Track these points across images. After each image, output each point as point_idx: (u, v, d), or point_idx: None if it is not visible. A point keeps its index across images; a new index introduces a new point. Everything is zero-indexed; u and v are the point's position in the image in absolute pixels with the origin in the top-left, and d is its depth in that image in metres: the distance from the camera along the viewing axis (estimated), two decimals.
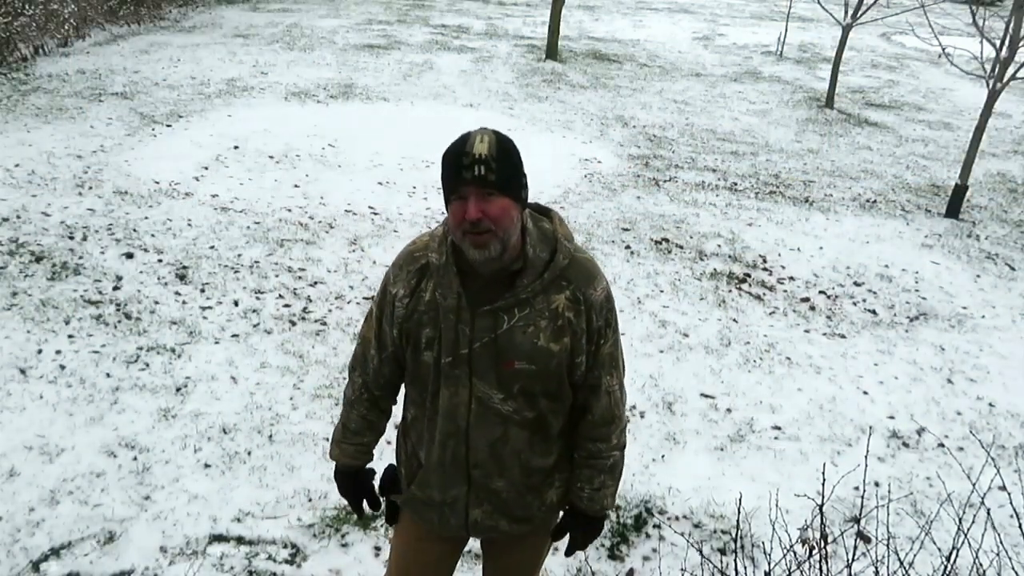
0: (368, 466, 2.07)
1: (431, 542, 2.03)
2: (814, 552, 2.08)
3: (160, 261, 5.08)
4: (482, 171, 1.63)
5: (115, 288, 4.72)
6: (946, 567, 1.88)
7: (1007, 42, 6.99)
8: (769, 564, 1.96)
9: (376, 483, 2.06)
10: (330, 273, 5.12)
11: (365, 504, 2.08)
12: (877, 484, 3.54)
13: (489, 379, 1.77)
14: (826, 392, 4.32)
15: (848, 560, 1.93)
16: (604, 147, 8.27)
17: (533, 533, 2.03)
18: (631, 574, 3.00)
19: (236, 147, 7.25)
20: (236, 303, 4.68)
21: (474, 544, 2.68)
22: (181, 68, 9.94)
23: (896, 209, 7.24)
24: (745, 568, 2.96)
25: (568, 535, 2.01)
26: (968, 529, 1.95)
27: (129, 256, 5.10)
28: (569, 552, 2.04)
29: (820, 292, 5.49)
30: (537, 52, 12.49)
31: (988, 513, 2.04)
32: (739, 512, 2.14)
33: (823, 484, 2.23)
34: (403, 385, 1.98)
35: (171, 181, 6.36)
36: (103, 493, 3.17)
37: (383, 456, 3.52)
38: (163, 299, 4.64)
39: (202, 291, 4.77)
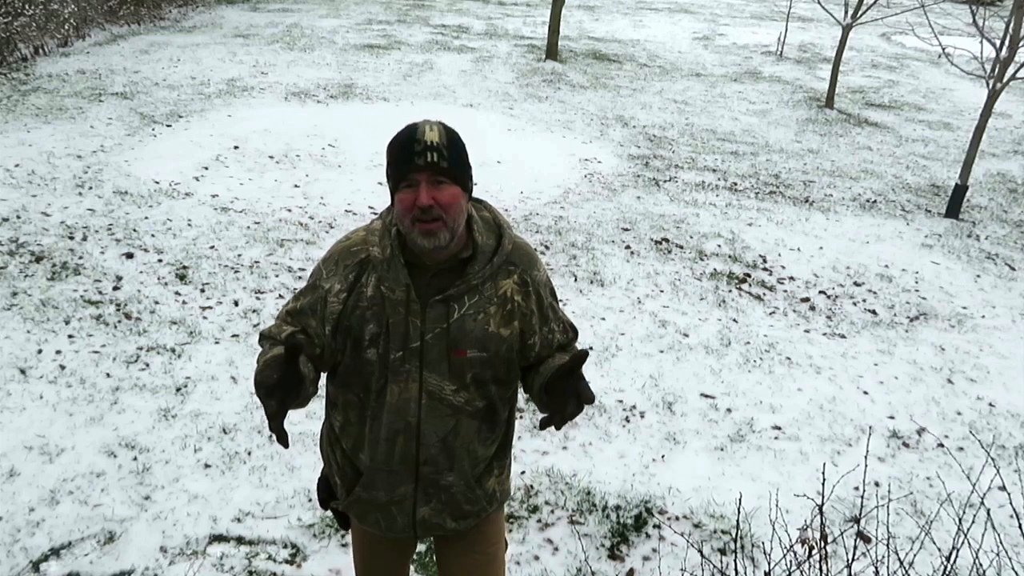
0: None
1: (382, 545, 2.03)
2: (814, 552, 2.07)
3: (160, 261, 5.08)
4: (434, 158, 1.63)
5: (115, 288, 4.72)
6: (946, 567, 1.88)
7: (1007, 42, 6.99)
8: (769, 564, 1.96)
9: (314, 492, 1.83)
10: None
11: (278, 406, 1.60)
12: (877, 484, 3.54)
13: (441, 370, 1.75)
14: (826, 392, 4.32)
15: (848, 560, 1.93)
16: (604, 147, 8.27)
17: (482, 525, 1.99)
18: (631, 574, 3.00)
19: (236, 147, 7.25)
20: (236, 303, 4.68)
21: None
22: (181, 68, 9.93)
23: (896, 209, 7.24)
24: (745, 568, 2.96)
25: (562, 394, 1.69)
26: (968, 529, 1.95)
27: (129, 256, 5.10)
28: (562, 410, 1.68)
29: (820, 292, 5.49)
30: (537, 52, 12.49)
31: (988, 513, 2.04)
32: (739, 512, 2.14)
33: (823, 484, 2.23)
34: (326, 391, 1.90)
35: (171, 181, 6.36)
36: (103, 493, 3.17)
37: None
38: (163, 299, 4.64)
39: (202, 291, 4.77)
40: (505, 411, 1.90)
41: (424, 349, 1.74)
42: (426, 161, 1.63)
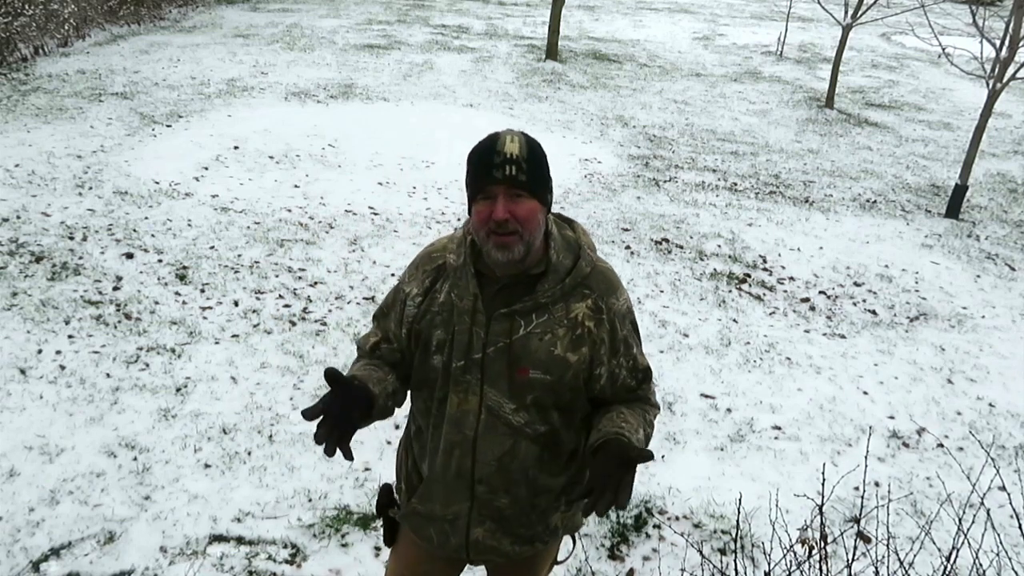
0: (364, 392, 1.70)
1: (431, 564, 1.97)
2: (814, 552, 2.08)
3: (160, 261, 5.08)
4: (512, 171, 1.60)
5: (115, 288, 4.72)
6: (946, 567, 1.88)
7: (1007, 42, 7.00)
8: (769, 564, 1.96)
9: (374, 502, 1.86)
10: (330, 273, 5.12)
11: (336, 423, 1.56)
12: (877, 484, 3.54)
13: (501, 387, 1.72)
14: (826, 392, 4.32)
15: (848, 560, 1.93)
16: (604, 147, 8.27)
17: (534, 557, 1.96)
18: (631, 574, 3.00)
19: (236, 147, 7.25)
20: (236, 303, 4.68)
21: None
22: (181, 68, 9.94)
23: (896, 209, 7.24)
24: (745, 568, 2.96)
25: (600, 480, 1.53)
26: (968, 529, 1.95)
27: (129, 256, 5.10)
28: (602, 504, 1.52)
29: (820, 292, 5.49)
30: (537, 52, 12.49)
31: (988, 513, 2.04)
32: (739, 512, 2.14)
33: (823, 484, 2.23)
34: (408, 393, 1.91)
35: (171, 181, 6.36)
36: (103, 493, 3.17)
37: (382, 460, 3.52)
38: (163, 299, 4.64)
39: (202, 291, 4.77)
40: (571, 442, 1.81)
41: (485, 362, 1.71)
42: (504, 174, 1.60)
